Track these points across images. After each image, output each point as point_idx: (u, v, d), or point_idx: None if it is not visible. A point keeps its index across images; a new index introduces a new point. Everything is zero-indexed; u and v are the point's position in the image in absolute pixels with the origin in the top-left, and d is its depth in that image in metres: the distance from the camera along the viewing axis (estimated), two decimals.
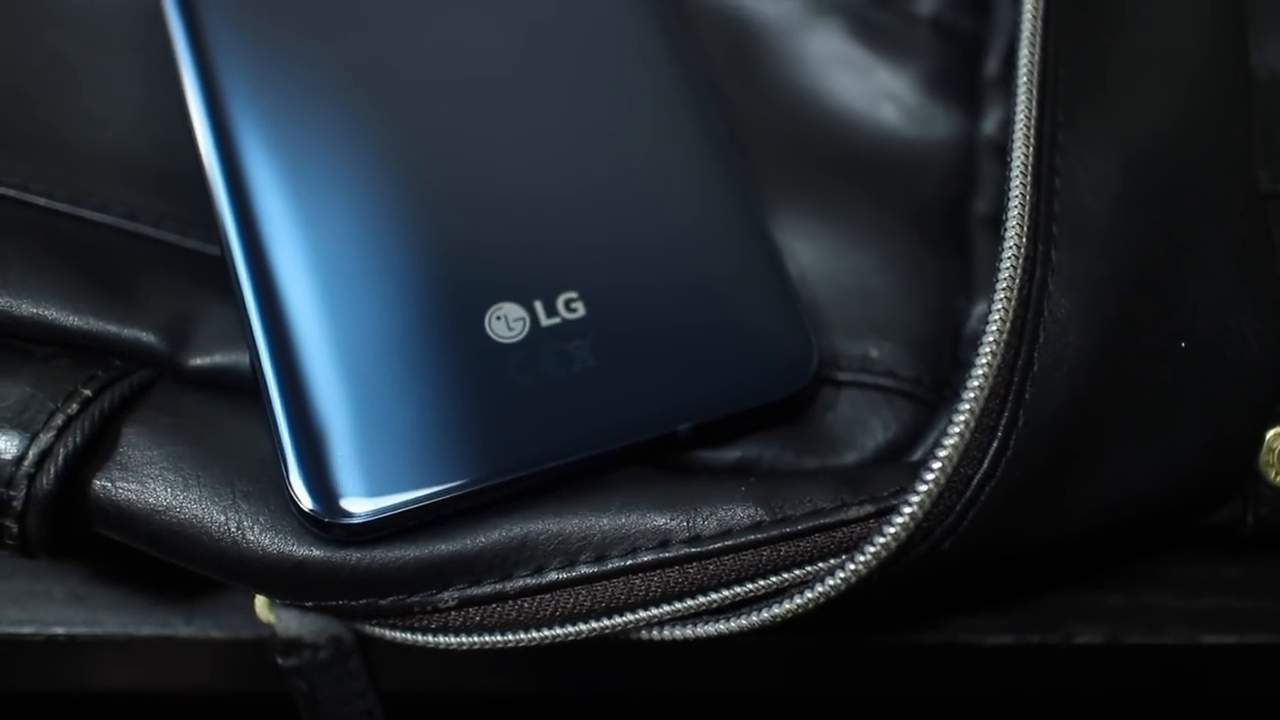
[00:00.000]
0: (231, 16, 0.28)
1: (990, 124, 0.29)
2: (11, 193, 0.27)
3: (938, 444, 0.23)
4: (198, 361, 0.26)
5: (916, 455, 0.26)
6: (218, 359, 0.26)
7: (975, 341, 0.26)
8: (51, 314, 0.25)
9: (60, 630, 0.28)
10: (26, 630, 0.28)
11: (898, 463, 0.25)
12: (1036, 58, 0.26)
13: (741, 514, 0.24)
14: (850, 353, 0.27)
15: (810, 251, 0.28)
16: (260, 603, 0.26)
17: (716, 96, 0.29)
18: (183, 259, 0.27)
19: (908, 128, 0.30)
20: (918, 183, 0.29)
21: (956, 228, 0.28)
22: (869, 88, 0.30)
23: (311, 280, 0.25)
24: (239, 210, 0.26)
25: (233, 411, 0.25)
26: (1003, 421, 0.23)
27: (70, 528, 0.25)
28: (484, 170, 0.27)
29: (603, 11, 0.29)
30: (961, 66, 0.30)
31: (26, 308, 0.25)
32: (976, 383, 0.23)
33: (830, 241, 0.28)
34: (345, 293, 0.25)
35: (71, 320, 0.25)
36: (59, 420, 0.24)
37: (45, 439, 0.24)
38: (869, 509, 0.24)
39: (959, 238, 0.28)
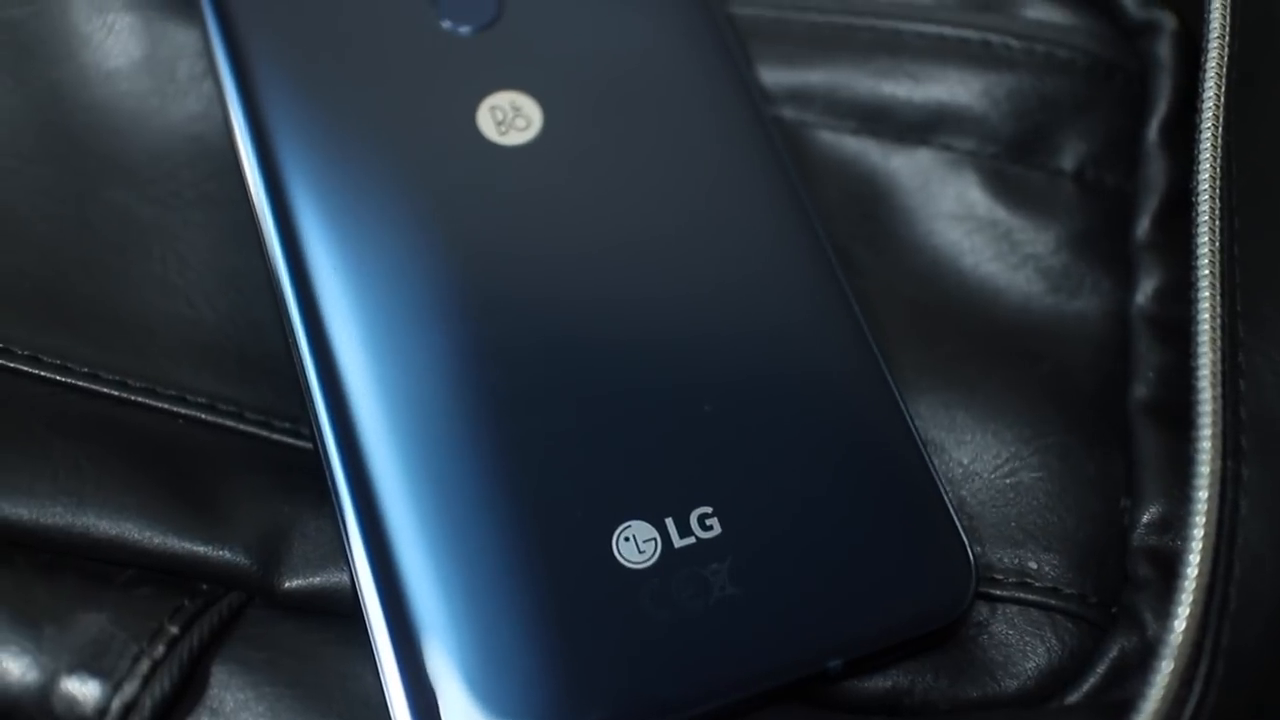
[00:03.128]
0: (321, 169, 0.26)
1: (1143, 294, 0.27)
2: (82, 383, 0.25)
3: (1133, 706, 0.20)
4: (292, 584, 0.23)
5: (1086, 685, 0.23)
6: (314, 581, 0.23)
7: (1147, 554, 0.24)
8: (133, 535, 0.23)
9: None
10: None
11: (1075, 706, 0.23)
12: (1218, 244, 0.24)
13: None
14: (1006, 564, 0.25)
15: (956, 445, 0.26)
16: None
17: (844, 264, 0.27)
18: (269, 456, 0.25)
19: (1052, 296, 0.27)
20: (1068, 362, 0.27)
21: (1113, 417, 0.26)
22: (1008, 250, 0.28)
23: (422, 497, 0.23)
24: (335, 406, 0.24)
25: (332, 641, 0.23)
26: (1200, 671, 0.21)
27: None
28: (608, 371, 0.24)
29: (721, 179, 0.27)
30: (1109, 227, 0.28)
31: (106, 528, 0.23)
32: (1176, 637, 0.21)
33: (978, 433, 0.26)
34: (460, 512, 0.23)
35: (154, 541, 0.23)
36: (144, 666, 0.21)
37: (130, 690, 0.21)
38: None
39: (1117, 428, 0.26)
